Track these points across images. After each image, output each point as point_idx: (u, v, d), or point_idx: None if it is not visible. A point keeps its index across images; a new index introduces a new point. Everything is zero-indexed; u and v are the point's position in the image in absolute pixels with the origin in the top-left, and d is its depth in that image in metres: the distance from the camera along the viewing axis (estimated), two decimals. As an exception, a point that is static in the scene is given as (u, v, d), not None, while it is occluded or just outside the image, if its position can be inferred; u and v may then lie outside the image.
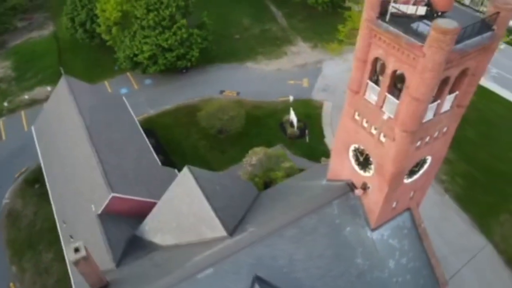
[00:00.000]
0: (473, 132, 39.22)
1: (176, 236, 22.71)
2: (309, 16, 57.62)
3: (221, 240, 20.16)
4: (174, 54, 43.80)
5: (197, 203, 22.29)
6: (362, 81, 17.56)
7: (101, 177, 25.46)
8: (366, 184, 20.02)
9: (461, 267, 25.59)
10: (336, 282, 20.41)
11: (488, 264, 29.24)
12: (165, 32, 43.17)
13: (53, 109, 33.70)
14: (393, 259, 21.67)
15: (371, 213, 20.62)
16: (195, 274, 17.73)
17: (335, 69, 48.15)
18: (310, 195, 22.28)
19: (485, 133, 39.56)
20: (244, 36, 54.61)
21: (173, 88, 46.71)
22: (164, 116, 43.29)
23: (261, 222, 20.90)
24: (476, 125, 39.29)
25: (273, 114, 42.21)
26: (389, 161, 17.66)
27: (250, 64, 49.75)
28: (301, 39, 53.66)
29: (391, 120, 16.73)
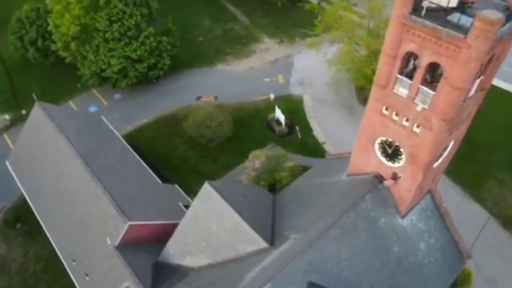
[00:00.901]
0: None
1: (209, 255, 21.91)
2: (269, 12, 57.67)
3: (265, 252, 19.76)
4: (145, 65, 41.88)
5: (227, 218, 21.66)
6: (391, 76, 17.86)
7: (112, 207, 23.83)
8: (396, 174, 20.54)
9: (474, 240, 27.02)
10: (379, 273, 20.86)
11: (487, 228, 31.28)
12: (132, 43, 41.10)
13: (31, 140, 30.90)
14: (423, 241, 22.55)
15: (402, 201, 21.24)
16: (254, 292, 17.26)
17: (306, 62, 48.68)
18: (337, 192, 22.46)
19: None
20: (208, 38, 53.49)
21: (147, 100, 44.75)
22: (143, 130, 41.37)
23: (298, 227, 20.73)
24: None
25: (257, 114, 41.91)
26: (425, 150, 18.24)
27: (221, 66, 48.90)
28: (266, 36, 53.61)
29: (426, 111, 17.25)
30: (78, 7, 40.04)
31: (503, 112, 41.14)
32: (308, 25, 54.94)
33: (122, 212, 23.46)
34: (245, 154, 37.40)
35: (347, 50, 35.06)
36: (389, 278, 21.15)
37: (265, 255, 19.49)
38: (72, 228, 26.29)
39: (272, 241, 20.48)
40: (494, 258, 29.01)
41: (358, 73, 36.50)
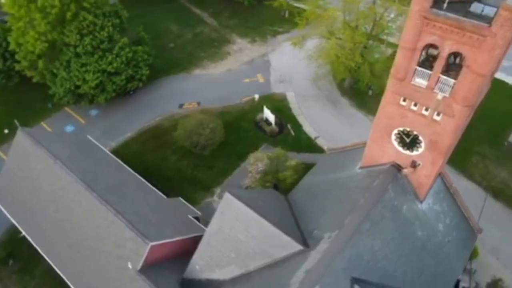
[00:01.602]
0: None
1: (240, 265, 21.58)
2: (236, 12, 57.31)
3: (301, 255, 19.76)
4: (123, 77, 40.22)
5: (254, 225, 21.43)
6: (409, 68, 18.39)
7: (128, 229, 22.76)
8: (415, 161, 21.25)
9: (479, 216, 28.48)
10: (409, 259, 21.56)
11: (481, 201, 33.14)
12: (107, 56, 39.27)
13: (18, 168, 28.72)
14: (441, 222, 23.55)
15: (421, 186, 22.02)
16: (306, 296, 17.23)
17: (282, 59, 48.96)
18: (357, 186, 22.87)
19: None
20: (179, 43, 52.29)
21: (127, 113, 43.05)
22: (129, 145, 39.80)
23: (328, 225, 20.90)
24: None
25: (244, 116, 41.63)
26: (447, 136, 19.03)
27: (198, 70, 48.03)
28: (237, 36, 53.25)
29: (447, 99, 17.96)
30: (44, 22, 37.65)
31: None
32: (277, 22, 55.74)
33: (141, 234, 22.47)
34: (240, 158, 37.49)
35: (332, 45, 35.60)
36: (418, 262, 21.91)
37: (303, 257, 19.50)
38: (83, 258, 24.83)
39: (305, 242, 20.52)
40: (493, 229, 30.76)
41: (341, 66, 37.18)
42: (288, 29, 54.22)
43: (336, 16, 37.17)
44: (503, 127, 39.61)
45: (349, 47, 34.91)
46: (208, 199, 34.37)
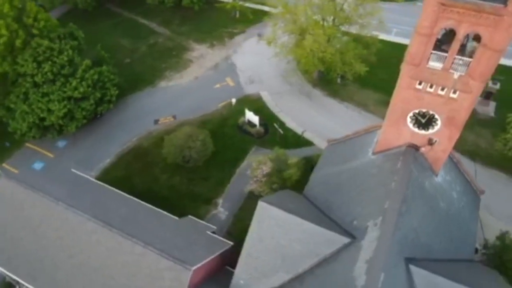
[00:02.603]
0: (384, 73, 45.74)
1: (288, 270, 21.53)
2: (186, 18, 56.07)
3: (352, 247, 20.24)
4: (92, 101, 37.68)
5: (295, 228, 21.55)
6: (425, 53, 19.52)
7: (164, 259, 21.68)
8: (432, 139, 22.64)
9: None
10: (440, 229, 23.00)
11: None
12: (70, 81, 36.55)
13: (12, 220, 25.79)
14: (454, 190, 25.37)
15: (437, 161, 23.54)
16: (377, 285, 17.72)
17: (246, 60, 48.97)
18: (380, 170, 23.79)
19: (391, 72, 46.35)
20: (135, 58, 50.04)
21: (99, 139, 40.42)
22: (111, 172, 37.47)
23: (368, 213, 21.57)
24: (385, 68, 45.49)
25: (225, 123, 41.09)
26: (463, 111, 20.57)
27: (164, 83, 46.39)
28: (194, 42, 52.20)
29: (463, 77, 19.39)
30: (-8, 54, 34.16)
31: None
32: (230, 24, 55.55)
33: (179, 260, 21.50)
34: (232, 164, 37.11)
35: (309, 40, 36.34)
36: (446, 231, 23.44)
37: (356, 248, 19.99)
38: (114, 299, 23.15)
39: (349, 234, 21.03)
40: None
41: (314, 59, 38.14)
42: (243, 29, 54.39)
43: (304, 13, 38.04)
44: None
45: (324, 39, 35.91)
46: (213, 211, 33.60)
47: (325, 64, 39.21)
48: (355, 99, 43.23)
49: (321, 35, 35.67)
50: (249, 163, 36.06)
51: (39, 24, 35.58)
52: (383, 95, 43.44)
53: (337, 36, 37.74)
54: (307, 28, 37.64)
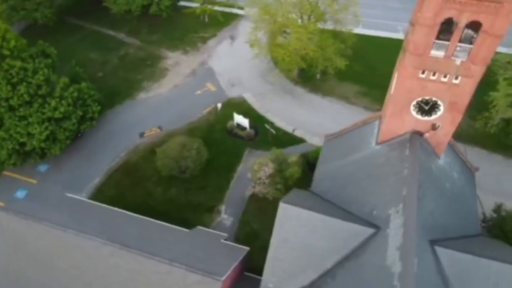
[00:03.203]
0: (359, 65, 47.16)
1: (317, 267, 21.80)
2: (154, 26, 54.82)
3: (378, 237, 20.80)
4: (74, 120, 35.98)
5: (319, 225, 21.86)
6: (428, 43, 20.41)
7: (192, 273, 21.27)
8: (435, 124, 23.69)
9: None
10: (450, 209, 24.11)
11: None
12: (49, 101, 34.72)
13: (14, 256, 24.21)
14: (454, 170, 26.68)
15: (440, 145, 24.67)
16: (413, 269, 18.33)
17: (223, 64, 48.72)
18: (387, 160, 24.55)
19: (365, 64, 47.89)
20: (107, 71, 48.32)
21: (83, 158, 38.71)
22: (103, 191, 36.03)
23: (386, 201, 22.20)
24: (359, 60, 46.84)
25: (213, 128, 40.69)
26: (465, 95, 21.69)
27: (143, 94, 45.16)
28: (167, 50, 51.18)
29: (465, 63, 20.48)
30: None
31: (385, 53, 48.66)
32: (200, 28, 55.03)
33: (208, 273, 21.18)
34: (228, 170, 36.92)
35: (294, 39, 36.76)
36: (455, 211, 24.60)
37: (383, 237, 20.56)
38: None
39: (373, 224, 21.59)
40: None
41: (297, 57, 38.69)
42: (214, 33, 54.07)
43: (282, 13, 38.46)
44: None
45: (306, 37, 36.50)
46: (218, 219, 33.22)
47: (307, 61, 39.84)
48: (336, 92, 44.27)
49: (304, 33, 36.22)
50: (246, 167, 36.18)
51: (9, 44, 33.43)
52: (361, 86, 45.03)
53: (317, 33, 38.40)
54: (287, 27, 38.06)
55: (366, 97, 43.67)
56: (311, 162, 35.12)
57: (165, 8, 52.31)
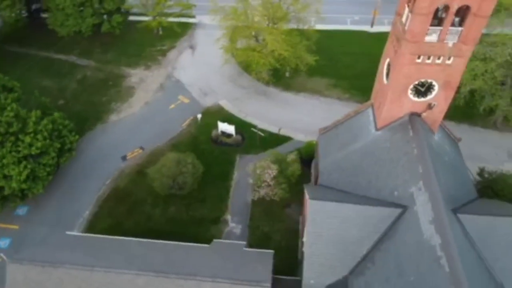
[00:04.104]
0: (322, 59, 48.55)
1: (354, 254, 22.76)
2: (107, 44, 52.43)
3: (407, 215, 22.15)
4: (53, 154, 33.55)
5: (350, 214, 22.92)
6: (423, 30, 22.10)
7: (238, 286, 21.16)
8: (431, 104, 25.63)
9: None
10: (453, 179, 26.24)
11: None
12: (22, 138, 32.08)
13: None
14: (445, 144, 28.97)
15: (435, 123, 26.70)
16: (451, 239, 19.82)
17: (189, 74, 48.07)
18: (391, 143, 26.06)
19: (327, 57, 49.74)
20: (68, 97, 45.41)
21: (66, 192, 36.21)
22: (97, 224, 34.01)
23: (404, 181, 23.65)
24: (321, 54, 48.42)
25: (197, 140, 40.07)
26: (457, 74, 23.83)
27: (114, 116, 43.14)
28: (128, 68, 49.27)
29: (457, 44, 22.49)
30: None
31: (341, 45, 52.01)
32: (156, 41, 53.85)
33: (253, 282, 21.35)
34: (224, 179, 36.85)
35: (272, 41, 37.41)
36: (456, 181, 26.75)
37: (412, 215, 21.90)
38: None
39: (399, 204, 22.92)
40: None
41: (270, 58, 39.50)
42: (172, 45, 53.15)
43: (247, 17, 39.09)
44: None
45: (281, 38, 37.39)
46: (227, 228, 32.97)
47: (280, 61, 40.75)
48: (308, 88, 45.75)
49: (278, 34, 37.08)
50: (241, 173, 36.31)
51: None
52: (330, 79, 47.03)
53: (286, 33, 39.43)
54: (260, 30, 38.71)
55: (336, 88, 45.64)
56: (304, 158, 36.10)
57: (117, 25, 50.40)
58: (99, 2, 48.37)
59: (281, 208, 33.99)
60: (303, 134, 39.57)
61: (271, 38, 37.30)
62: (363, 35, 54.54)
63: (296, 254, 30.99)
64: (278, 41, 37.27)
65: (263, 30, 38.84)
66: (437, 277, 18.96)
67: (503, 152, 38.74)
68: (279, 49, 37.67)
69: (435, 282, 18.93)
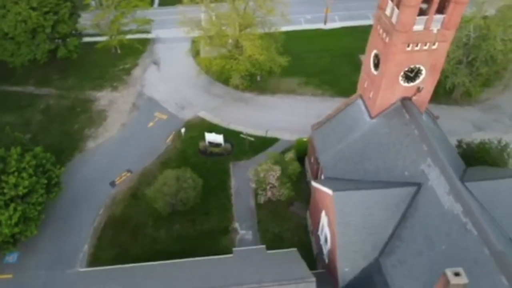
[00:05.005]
0: (291, 59, 49.75)
1: (382, 236, 24.04)
2: (65, 70, 49.63)
3: (423, 190, 23.90)
4: (41, 191, 31.32)
5: (371, 199, 24.43)
6: (412, 21, 24.05)
7: (285, 285, 21.55)
8: (419, 87, 27.80)
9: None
10: (446, 153, 28.53)
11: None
12: (6, 179, 29.71)
13: None
14: (429, 121, 31.40)
15: (423, 104, 28.99)
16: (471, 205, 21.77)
17: (160, 90, 47.11)
18: (390, 128, 27.91)
19: (293, 57, 51.11)
20: (34, 130, 42.39)
21: (58, 230, 33.98)
22: (100, 255, 32.43)
23: (412, 160, 25.46)
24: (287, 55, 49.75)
25: (185, 155, 39.50)
26: (442, 56, 26.21)
27: (91, 143, 41.08)
28: (94, 91, 47.04)
29: (440, 30, 24.74)
30: None
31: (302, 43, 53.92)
32: (117, 61, 52.36)
33: (298, 279, 21.79)
34: (222, 189, 36.77)
35: (251, 46, 37.98)
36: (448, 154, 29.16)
37: (429, 190, 23.63)
38: None
39: (413, 183, 24.61)
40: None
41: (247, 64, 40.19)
42: (134, 62, 51.84)
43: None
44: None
45: (259, 43, 38.20)
46: (238, 236, 33.00)
47: (256, 66, 41.49)
48: (282, 88, 46.96)
49: (256, 39, 37.84)
50: (239, 180, 36.58)
51: None
52: (300, 77, 48.68)
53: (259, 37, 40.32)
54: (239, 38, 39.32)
55: (308, 86, 47.35)
56: (297, 156, 37.08)
57: (75, 49, 48.04)
58: (51, 27, 45.86)
59: (285, 208, 34.71)
60: (289, 133, 40.65)
61: (249, 44, 37.97)
62: (319, 33, 57.03)
63: (310, 249, 31.88)
64: (256, 46, 38.03)
65: (240, 36, 39.36)
66: (468, 241, 20.78)
67: (468, 124, 42.67)
68: (257, 53, 38.44)
69: (467, 246, 20.73)
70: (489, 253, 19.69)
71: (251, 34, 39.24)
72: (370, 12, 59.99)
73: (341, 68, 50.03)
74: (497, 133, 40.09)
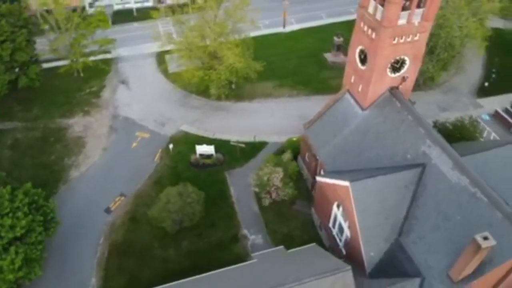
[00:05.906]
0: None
1: (399, 216, 25.70)
2: (30, 99, 46.56)
3: (429, 169, 25.88)
4: (39, 229, 29.41)
5: (383, 184, 26.04)
6: (397, 16, 26.09)
7: (322, 279, 22.36)
8: (404, 77, 30.03)
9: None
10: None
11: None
12: (0, 222, 27.73)
13: None
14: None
15: (407, 91, 31.33)
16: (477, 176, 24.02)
17: (135, 109, 45.99)
18: (384, 117, 29.87)
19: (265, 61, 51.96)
20: (8, 167, 39.21)
21: (59, 266, 32.09)
22: (110, 285, 31.13)
23: (412, 144, 27.41)
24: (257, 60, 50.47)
25: (177, 171, 38.92)
26: (423, 46, 28.63)
27: (74, 172, 39.08)
28: (64, 119, 44.66)
29: (420, 23, 27.08)
30: None
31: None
32: (82, 85, 50.59)
33: (334, 270, 22.66)
34: (223, 199, 36.88)
35: (231, 56, 38.33)
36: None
37: (434, 168, 25.62)
38: None
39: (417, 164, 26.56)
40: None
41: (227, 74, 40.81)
42: (101, 84, 50.34)
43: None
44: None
45: (239, 51, 38.84)
46: (249, 243, 33.23)
47: (233, 73, 42.05)
48: (259, 93, 47.91)
49: (234, 47, 38.42)
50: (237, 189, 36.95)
51: None
52: (273, 81, 50.08)
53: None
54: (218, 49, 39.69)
55: (283, 88, 48.74)
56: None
57: (36, 76, 45.65)
58: (9, 55, 43.19)
59: (288, 207, 35.54)
60: (276, 135, 41.62)
61: (230, 53, 38.49)
62: (281, 36, 58.87)
63: (321, 243, 32.93)
64: (236, 54, 38.65)
65: (219, 46, 39.73)
66: (480, 208, 22.96)
67: (434, 107, 46.33)
68: (237, 61, 39.06)
69: (480, 213, 22.88)
70: (502, 215, 21.94)
71: (229, 42, 39.75)
72: (323, 12, 63.29)
73: (309, 68, 52.10)
74: (460, 112, 44.15)
